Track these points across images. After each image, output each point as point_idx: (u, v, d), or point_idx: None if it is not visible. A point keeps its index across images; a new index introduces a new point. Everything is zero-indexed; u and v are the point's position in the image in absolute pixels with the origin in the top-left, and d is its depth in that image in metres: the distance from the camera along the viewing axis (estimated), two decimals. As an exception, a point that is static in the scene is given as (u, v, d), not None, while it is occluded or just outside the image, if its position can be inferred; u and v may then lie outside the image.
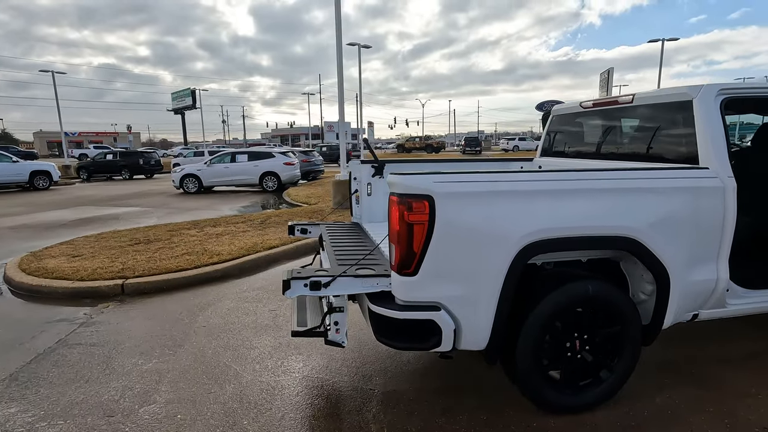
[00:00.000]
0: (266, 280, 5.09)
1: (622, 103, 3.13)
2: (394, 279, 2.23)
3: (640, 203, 2.31)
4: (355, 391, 2.76)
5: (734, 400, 2.56)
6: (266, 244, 6.24)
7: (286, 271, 2.34)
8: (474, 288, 2.18)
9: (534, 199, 2.19)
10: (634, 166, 2.76)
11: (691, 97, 2.61)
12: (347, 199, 9.53)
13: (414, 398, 2.66)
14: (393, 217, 2.18)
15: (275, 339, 3.53)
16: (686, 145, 2.64)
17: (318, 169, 19.10)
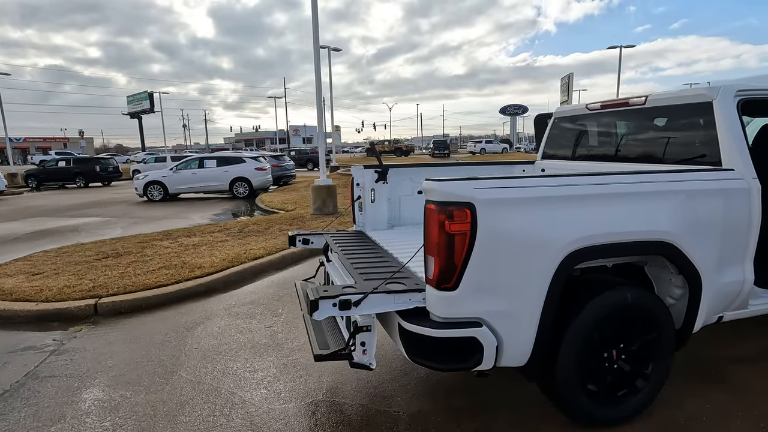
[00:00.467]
0: (256, 294, 4.77)
1: (634, 104, 3.11)
2: (431, 294, 2.06)
3: (676, 206, 2.26)
4: (379, 415, 2.55)
5: (763, 402, 2.55)
6: (250, 254, 5.90)
7: (312, 290, 2.11)
8: (517, 301, 2.04)
9: (578, 204, 2.08)
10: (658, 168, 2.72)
11: (711, 99, 2.59)
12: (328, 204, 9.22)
13: (443, 420, 2.49)
14: (431, 228, 2.00)
15: (278, 359, 3.26)
16: (708, 146, 2.63)
17: (290, 174, 18.64)
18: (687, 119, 2.78)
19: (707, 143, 2.63)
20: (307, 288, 2.15)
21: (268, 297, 4.65)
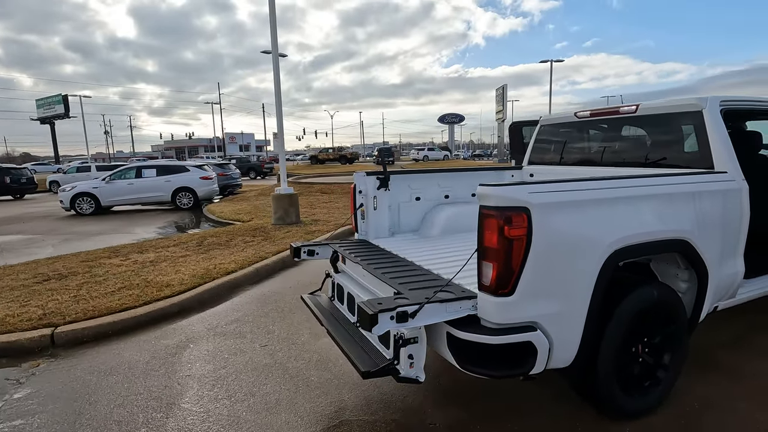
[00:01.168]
0: (239, 311, 4.45)
1: (625, 113, 3.33)
2: (486, 300, 2.03)
3: (691, 206, 2.44)
4: (416, 428, 2.47)
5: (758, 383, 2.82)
6: (221, 269, 5.51)
7: (366, 303, 1.99)
8: (567, 301, 2.08)
9: (618, 206, 2.18)
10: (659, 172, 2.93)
11: (701, 108, 2.85)
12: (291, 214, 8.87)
13: (482, 428, 2.46)
14: (489, 233, 1.97)
15: (287, 380, 3.04)
16: (700, 152, 2.88)
17: (236, 183, 17.80)
18: (679, 127, 3.03)
19: (699, 149, 2.88)
20: (361, 302, 2.03)
21: (253, 314, 4.35)
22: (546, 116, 4.18)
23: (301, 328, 3.93)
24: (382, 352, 2.33)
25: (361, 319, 1.95)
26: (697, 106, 2.88)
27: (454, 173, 4.12)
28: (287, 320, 4.14)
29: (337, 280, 3.12)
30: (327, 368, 3.19)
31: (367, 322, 1.90)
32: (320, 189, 14.26)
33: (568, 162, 3.93)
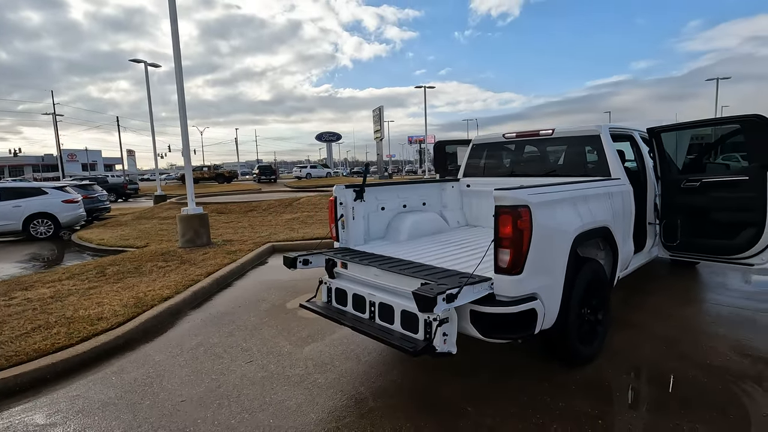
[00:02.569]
0: (196, 335, 4.22)
1: (543, 135, 4.31)
2: (503, 280, 2.57)
3: (608, 203, 3.39)
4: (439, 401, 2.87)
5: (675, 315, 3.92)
6: (154, 295, 5.07)
7: (422, 290, 2.35)
8: (553, 275, 2.75)
9: (577, 203, 2.96)
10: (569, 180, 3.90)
11: (599, 132, 3.93)
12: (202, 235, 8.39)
13: (489, 389, 2.98)
14: (505, 226, 2.53)
15: (295, 385, 3.14)
16: (599, 164, 3.94)
17: (103, 207, 15.58)
18: (584, 146, 4.08)
19: (599, 162, 3.94)
20: (416, 290, 2.36)
21: (215, 335, 4.19)
22: (477, 137, 5.03)
23: (278, 341, 3.97)
24: (411, 336, 2.70)
25: (422, 303, 2.31)
26: (596, 131, 3.95)
27: (407, 185, 4.65)
28: (257, 336, 4.12)
29: (335, 285, 3.35)
30: (329, 370, 3.37)
31: (429, 304, 2.27)
32: (215, 209, 13.43)
33: (497, 174, 4.81)
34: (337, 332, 4.09)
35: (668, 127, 4.33)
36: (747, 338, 3.60)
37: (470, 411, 2.74)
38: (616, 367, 3.21)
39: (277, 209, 13.27)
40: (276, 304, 5.03)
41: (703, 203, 4.08)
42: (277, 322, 4.45)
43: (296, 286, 5.69)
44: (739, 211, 3.84)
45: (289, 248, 8.10)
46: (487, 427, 2.57)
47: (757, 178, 3.69)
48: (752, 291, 4.84)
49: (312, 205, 13.38)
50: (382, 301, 2.94)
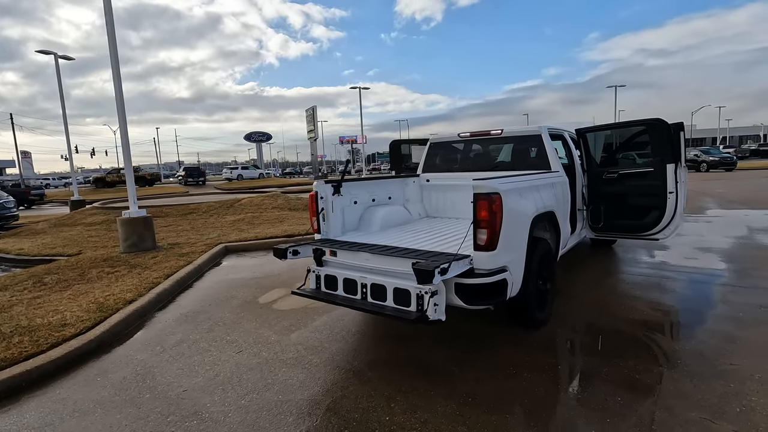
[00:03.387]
0: (173, 333, 4.22)
1: (494, 135, 4.92)
2: (480, 255, 3.05)
3: (552, 191, 4.04)
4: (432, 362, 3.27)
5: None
6: (118, 299, 4.91)
7: (421, 264, 2.73)
8: (518, 251, 3.29)
9: (533, 191, 3.53)
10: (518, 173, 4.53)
11: (540, 132, 4.61)
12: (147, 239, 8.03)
13: (468, 351, 3.45)
14: (482, 209, 3.01)
15: (293, 368, 3.36)
16: (540, 159, 4.62)
17: (10, 215, 13.98)
18: (528, 144, 4.75)
19: (541, 157, 4.62)
20: (416, 265, 2.75)
21: (195, 331, 4.23)
22: (434, 136, 5.53)
23: (262, 332, 4.14)
24: (404, 310, 3.08)
25: (421, 275, 2.70)
26: (538, 131, 4.63)
27: (374, 181, 5.01)
28: (239, 330, 4.24)
29: (325, 272, 3.63)
30: (321, 351, 3.63)
31: (428, 276, 2.67)
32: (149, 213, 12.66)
33: (453, 169, 5.35)
34: (318, 320, 4.35)
35: (591, 129, 5.17)
36: (656, 298, 4.48)
37: (456, 372, 3.19)
38: (564, 327, 3.86)
39: (218, 211, 12.90)
40: (247, 300, 5.13)
41: (620, 191, 4.95)
42: (254, 316, 4.58)
43: (261, 284, 5.79)
44: (647, 197, 4.74)
45: (243, 249, 8.06)
46: (474, 380, 3.03)
47: (660, 170, 4.60)
48: (655, 262, 5.89)
49: (255, 206, 13.18)
50: (375, 282, 3.28)
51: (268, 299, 5.13)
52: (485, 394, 2.85)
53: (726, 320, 3.81)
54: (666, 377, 2.93)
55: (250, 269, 6.66)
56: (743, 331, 3.58)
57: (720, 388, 2.76)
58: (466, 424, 2.54)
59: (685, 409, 2.56)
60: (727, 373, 2.94)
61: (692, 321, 3.86)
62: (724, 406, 2.57)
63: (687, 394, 2.72)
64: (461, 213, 5.16)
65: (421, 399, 2.83)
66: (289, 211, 12.48)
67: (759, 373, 2.92)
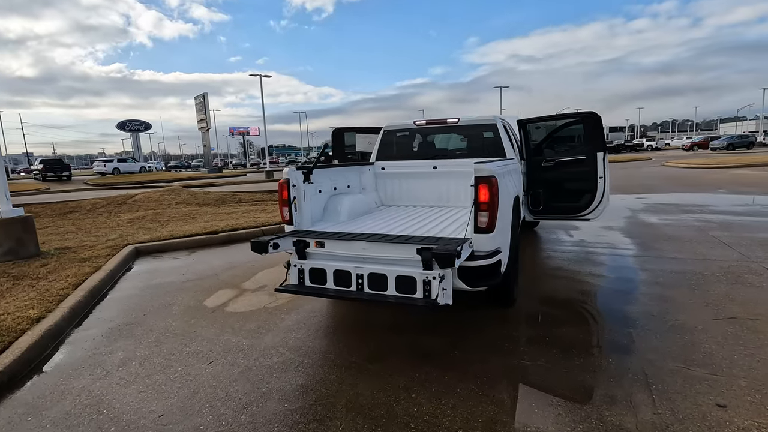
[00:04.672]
0: (110, 354, 3.51)
1: (450, 123, 5.03)
2: (481, 238, 3.09)
3: (516, 176, 4.29)
4: (434, 349, 3.23)
5: (529, 274, 5.06)
6: (19, 317, 3.91)
7: (443, 248, 2.67)
8: (506, 233, 3.41)
9: (509, 176, 3.69)
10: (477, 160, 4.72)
11: (495, 121, 4.85)
12: (28, 243, 6.75)
13: (459, 332, 3.49)
14: (484, 193, 3.04)
15: (285, 370, 3.04)
16: (496, 147, 4.87)
17: None
18: (484, 132, 4.95)
19: (497, 145, 4.87)
20: (437, 249, 2.68)
21: (141, 347, 3.58)
22: (388, 124, 5.45)
23: (228, 338, 3.67)
24: (410, 297, 3.00)
25: (442, 259, 2.64)
26: (493, 120, 4.86)
27: (333, 169, 4.77)
28: (198, 338, 3.70)
29: (310, 265, 3.34)
30: (308, 352, 3.35)
31: (451, 259, 2.62)
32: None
33: (409, 157, 5.35)
34: (287, 318, 4.01)
35: (531, 120, 5.61)
36: (594, 270, 5.07)
37: (458, 354, 3.21)
38: (532, 302, 4.14)
39: (108, 209, 11.12)
40: (192, 306, 4.51)
41: (556, 177, 5.47)
42: (209, 322, 4.05)
43: (200, 286, 5.16)
44: (581, 182, 5.32)
45: (159, 249, 7.07)
46: (479, 361, 3.07)
47: (592, 158, 5.19)
48: (576, 241, 6.67)
49: (155, 203, 11.66)
50: (373, 272, 3.12)
51: (217, 302, 4.58)
52: (496, 372, 2.91)
53: (652, 285, 4.47)
54: (635, 336, 3.33)
55: (178, 271, 5.87)
56: (669, 292, 4.23)
57: (679, 340, 3.23)
58: (494, 402, 2.57)
59: (663, 361, 2.94)
60: (677, 327, 3.45)
61: (629, 287, 4.45)
62: (691, 355, 3.01)
63: (657, 348, 3.12)
64: (419, 200, 5.20)
65: (440, 385, 2.79)
66: (198, 207, 11.29)
67: (700, 324, 3.48)
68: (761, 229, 6.73)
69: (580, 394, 2.62)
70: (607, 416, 2.40)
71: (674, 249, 5.82)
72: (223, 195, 12.74)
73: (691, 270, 4.87)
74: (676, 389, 2.62)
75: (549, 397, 2.61)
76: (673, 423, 2.32)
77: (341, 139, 6.35)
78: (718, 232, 6.65)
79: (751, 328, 3.35)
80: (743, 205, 9.27)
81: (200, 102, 35.61)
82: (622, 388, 2.66)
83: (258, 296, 4.69)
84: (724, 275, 4.63)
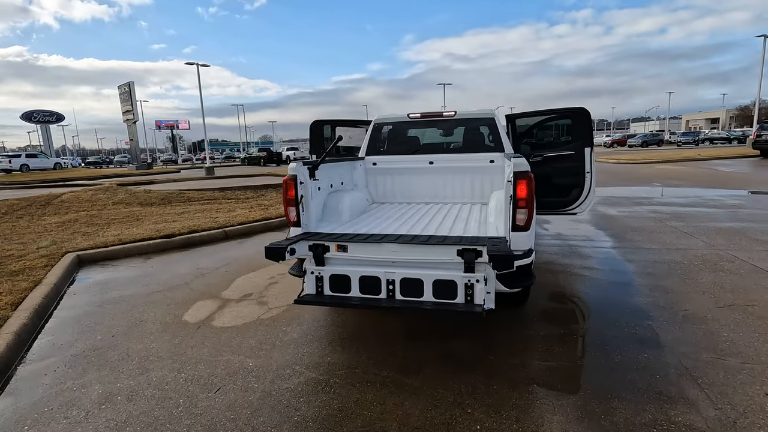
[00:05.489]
0: (84, 387, 2.90)
1: (446, 116, 4.83)
2: (519, 236, 2.93)
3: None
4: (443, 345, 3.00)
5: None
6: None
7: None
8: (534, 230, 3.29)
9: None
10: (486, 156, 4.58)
11: (493, 115, 4.73)
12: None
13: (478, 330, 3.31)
14: (522, 188, 2.87)
15: (328, 395, 2.67)
16: (494, 141, 4.75)
17: None
18: (482, 126, 4.81)
19: (495, 140, 4.75)
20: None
21: (122, 377, 2.99)
22: (379, 117, 5.13)
23: (228, 358, 3.19)
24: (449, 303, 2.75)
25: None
26: (491, 114, 4.75)
27: (328, 164, 4.38)
28: (192, 361, 3.19)
29: (331, 272, 2.97)
30: (331, 369, 2.99)
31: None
32: None
33: (402, 152, 5.07)
34: (291, 332, 3.60)
35: (520, 114, 5.58)
36: (584, 264, 5.17)
37: (492, 358, 3.03)
38: (541, 299, 4.08)
39: (28, 211, 9.64)
40: (169, 322, 3.92)
41: (545, 172, 5.49)
42: (198, 341, 3.52)
43: (172, 299, 4.54)
44: (569, 176, 5.38)
45: (107, 257, 6.19)
46: (520, 366, 2.91)
47: (580, 153, 5.26)
48: (553, 234, 6.81)
49: (87, 203, 10.31)
50: (406, 277, 2.84)
51: (199, 316, 4.02)
52: (542, 376, 2.77)
53: (645, 276, 4.62)
54: (656, 329, 3.36)
55: (138, 281, 5.14)
56: (664, 282, 4.39)
57: (697, 330, 3.31)
58: (555, 411, 2.42)
59: (696, 353, 2.97)
60: (689, 317, 3.55)
61: (626, 279, 4.56)
62: (716, 344, 3.08)
63: (682, 340, 3.17)
64: (413, 197, 4.97)
65: (491, 396, 2.58)
66: (141, 207, 10.15)
67: (707, 313, 3.61)
68: (709, 219, 7.34)
69: (636, 393, 2.55)
70: (673, 416, 2.34)
71: (646, 240, 6.13)
72: (168, 193, 11.60)
73: (671, 260, 5.12)
74: (722, 381, 2.64)
75: (609, 400, 2.50)
76: (738, 417, 2.31)
77: (320, 131, 5.92)
78: (674, 222, 7.14)
79: (754, 315, 3.53)
80: (683, 197, 10.14)
81: (125, 92, 32.28)
82: (673, 384, 2.63)
83: (246, 307, 4.20)
84: (703, 264, 4.91)
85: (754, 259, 4.98)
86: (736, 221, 7.05)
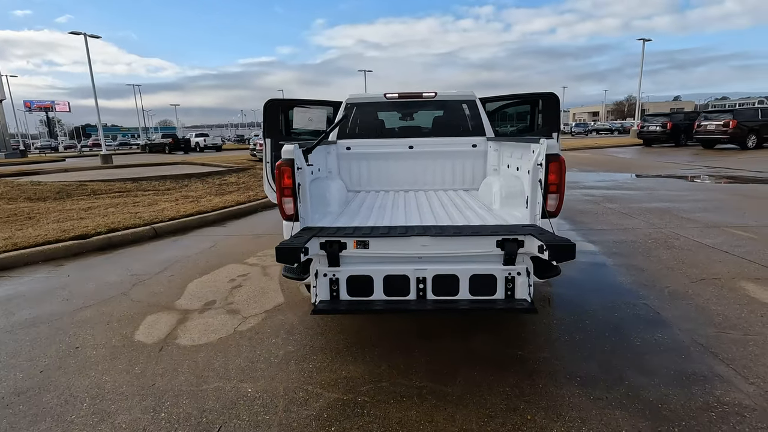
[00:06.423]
0: None
1: (426, 97, 4.51)
2: (549, 224, 2.74)
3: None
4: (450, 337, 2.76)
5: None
6: None
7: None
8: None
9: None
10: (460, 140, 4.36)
11: (475, 97, 4.53)
12: None
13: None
14: (555, 172, 2.67)
15: (367, 419, 2.24)
16: (476, 124, 4.56)
17: None
18: (463, 108, 4.58)
19: (477, 123, 4.56)
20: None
21: (90, 425, 2.26)
22: (351, 96, 4.61)
23: (218, 385, 2.59)
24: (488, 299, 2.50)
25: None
26: (472, 96, 4.54)
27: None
28: (170, 397, 2.53)
29: (349, 272, 2.53)
30: (353, 385, 2.55)
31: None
32: None
33: (378, 135, 4.64)
34: (285, 345, 3.07)
35: (492, 98, 5.47)
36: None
37: (522, 354, 2.84)
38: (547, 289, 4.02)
39: None
40: (118, 346, 3.12)
41: None
42: (168, 368, 2.83)
43: (110, 314, 3.69)
44: None
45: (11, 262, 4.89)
46: (551, 358, 2.76)
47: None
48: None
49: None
50: (439, 273, 2.51)
51: (157, 334, 3.28)
52: (582, 368, 2.65)
53: (614, 256, 4.82)
54: (654, 307, 3.46)
55: (55, 295, 4.11)
56: (632, 261, 4.61)
57: (689, 307, 3.46)
58: (613, 406, 2.29)
59: (702, 329, 3.08)
60: (674, 294, 3.72)
61: (600, 260, 4.70)
62: (712, 318, 3.23)
63: (683, 317, 3.28)
64: (391, 184, 4.61)
65: (542, 397, 2.38)
66: (31, 202, 8.33)
67: (687, 288, 3.81)
68: (636, 200, 8.06)
69: (675, 377, 2.53)
70: (720, 396, 2.34)
71: (594, 221, 6.49)
72: (64, 185, 9.74)
73: (627, 239, 5.44)
74: (739, 354, 2.74)
75: (656, 387, 2.44)
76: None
77: (277, 113, 5.23)
78: (609, 204, 7.72)
79: (725, 287, 3.81)
80: (603, 180, 11.10)
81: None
82: (700, 362, 2.67)
83: (214, 318, 3.53)
84: (655, 242, 5.29)
85: (694, 236, 5.49)
86: (658, 201, 7.82)
